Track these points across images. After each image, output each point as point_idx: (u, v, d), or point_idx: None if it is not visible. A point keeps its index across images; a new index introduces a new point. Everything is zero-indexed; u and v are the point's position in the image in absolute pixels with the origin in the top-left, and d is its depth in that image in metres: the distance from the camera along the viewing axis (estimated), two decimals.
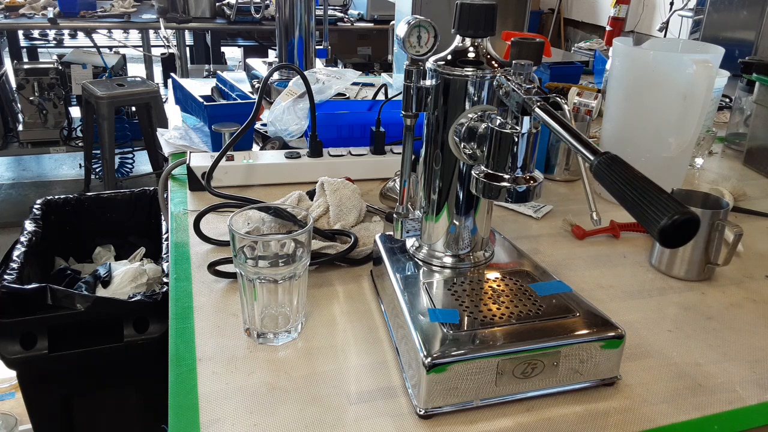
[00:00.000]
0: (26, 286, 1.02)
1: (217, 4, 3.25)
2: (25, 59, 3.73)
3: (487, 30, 0.59)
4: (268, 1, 2.77)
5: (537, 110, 0.48)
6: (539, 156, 1.07)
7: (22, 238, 1.21)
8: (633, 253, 0.84)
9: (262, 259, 0.61)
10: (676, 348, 0.64)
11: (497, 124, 0.53)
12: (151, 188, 1.47)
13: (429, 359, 0.51)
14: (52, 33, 4.03)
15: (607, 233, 0.88)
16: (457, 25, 0.59)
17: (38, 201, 1.35)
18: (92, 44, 3.25)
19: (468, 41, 0.59)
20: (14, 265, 1.10)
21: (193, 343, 0.62)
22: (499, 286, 0.62)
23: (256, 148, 1.15)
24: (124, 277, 1.25)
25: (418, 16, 0.60)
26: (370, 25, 3.42)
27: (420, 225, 0.68)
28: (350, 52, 3.68)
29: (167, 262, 1.16)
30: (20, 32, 3.72)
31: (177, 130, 1.17)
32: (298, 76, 1.05)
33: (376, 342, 0.63)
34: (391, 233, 0.70)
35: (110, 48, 3.77)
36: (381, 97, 1.29)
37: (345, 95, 1.39)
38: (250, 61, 1.66)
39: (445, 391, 0.53)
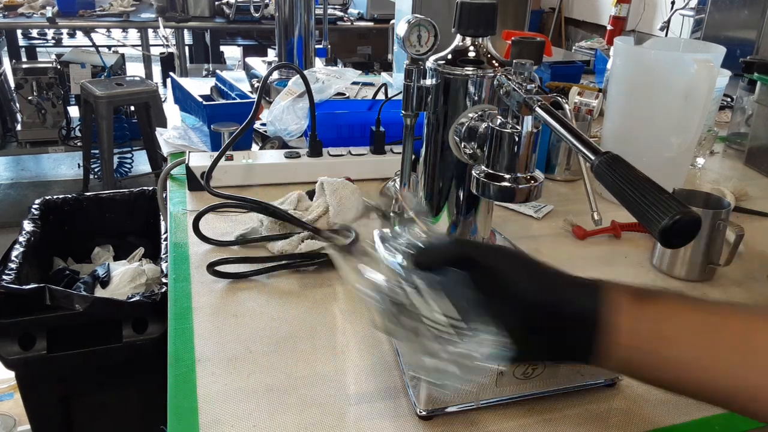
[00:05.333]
0: (25, 287, 1.02)
1: (216, 3, 3.25)
2: (24, 58, 3.73)
3: (488, 29, 0.58)
4: (267, 0, 2.77)
5: (538, 110, 0.48)
6: (540, 156, 1.06)
7: (21, 238, 1.20)
8: (634, 254, 0.83)
9: None
10: None
11: (498, 123, 0.52)
12: (150, 188, 1.46)
13: None
14: (50, 32, 4.02)
15: (608, 233, 0.88)
16: (457, 24, 0.58)
17: (37, 201, 1.35)
18: (91, 43, 3.25)
19: (468, 40, 0.59)
20: (13, 266, 1.10)
21: (192, 343, 0.61)
22: None
23: (255, 147, 1.14)
24: (123, 277, 1.24)
25: (418, 15, 0.59)
26: (370, 24, 3.41)
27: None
28: (350, 52, 3.68)
29: (166, 262, 1.15)
30: (19, 31, 3.72)
31: (176, 129, 1.17)
32: (298, 76, 1.04)
33: (376, 342, 0.63)
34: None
35: (109, 47, 3.77)
36: (381, 96, 1.29)
37: (345, 95, 1.38)
38: (250, 61, 1.65)
39: (445, 391, 0.52)
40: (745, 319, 0.40)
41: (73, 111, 2.99)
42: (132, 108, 2.85)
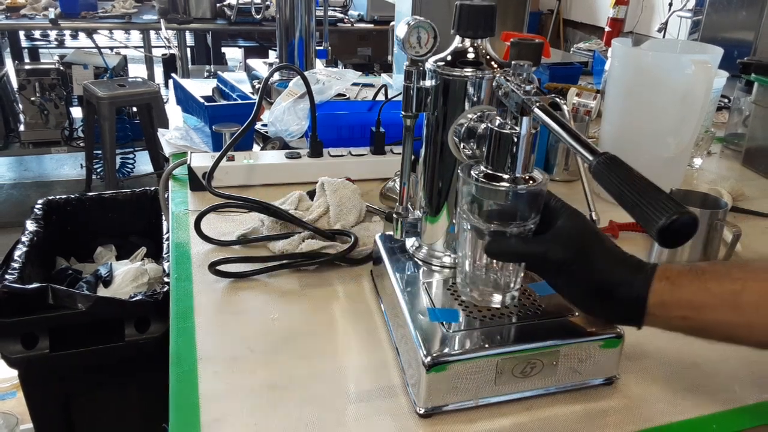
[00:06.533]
0: (27, 286, 1.02)
1: (218, 4, 3.26)
2: (27, 60, 3.73)
3: (487, 31, 0.59)
4: (268, 2, 2.78)
5: (536, 111, 0.48)
6: (538, 156, 1.07)
7: (24, 238, 1.21)
8: (633, 252, 0.84)
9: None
10: (675, 348, 0.64)
11: (496, 124, 0.53)
12: (152, 188, 1.47)
13: (429, 358, 0.52)
14: (53, 33, 4.03)
15: (606, 233, 0.88)
16: (456, 25, 0.59)
17: (39, 201, 1.36)
18: (93, 45, 3.26)
19: (467, 42, 0.59)
20: (16, 265, 1.11)
21: (194, 342, 0.62)
22: None
23: (256, 148, 1.15)
24: (125, 276, 1.25)
25: (417, 17, 0.60)
26: (370, 25, 3.42)
27: (419, 226, 0.68)
28: (350, 53, 3.68)
29: (168, 261, 1.16)
30: (21, 33, 3.72)
31: (178, 130, 1.17)
32: (299, 77, 1.05)
33: (376, 342, 0.63)
34: (391, 233, 0.70)
35: (111, 49, 3.78)
36: (381, 97, 1.30)
37: (345, 96, 1.39)
38: (251, 62, 1.66)
39: (444, 390, 0.53)
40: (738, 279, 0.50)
41: (76, 112, 3.00)
42: (134, 109, 2.86)
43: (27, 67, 2.86)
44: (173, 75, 1.77)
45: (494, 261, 0.54)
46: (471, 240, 0.54)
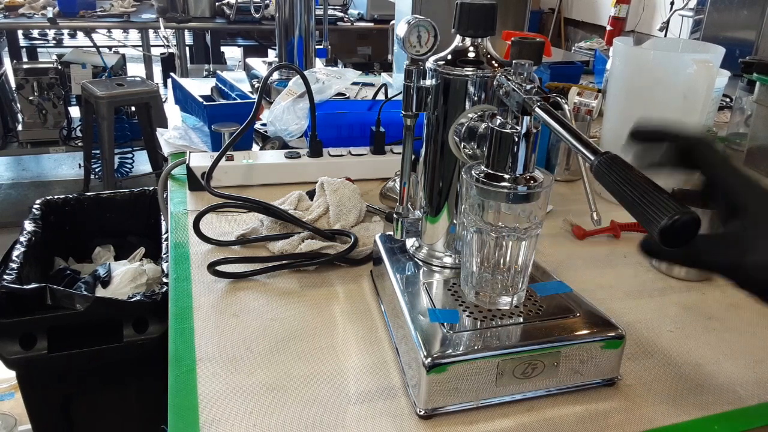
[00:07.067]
0: (25, 286, 1.02)
1: (217, 3, 3.25)
2: (25, 59, 3.73)
3: (488, 30, 0.58)
4: (267, 1, 2.77)
5: (537, 110, 0.48)
6: (539, 156, 1.06)
7: (22, 238, 1.20)
8: (633, 253, 0.84)
9: None
10: (677, 348, 0.64)
11: (497, 124, 0.52)
12: (151, 188, 1.46)
13: (429, 359, 0.51)
14: (51, 33, 4.03)
15: (608, 233, 0.88)
16: (457, 24, 0.58)
17: (38, 201, 1.35)
18: (92, 44, 3.25)
19: (468, 41, 0.59)
20: (13, 265, 1.10)
21: (193, 343, 0.62)
22: None
23: (255, 148, 1.15)
24: (124, 277, 1.25)
25: (418, 16, 0.59)
26: (370, 24, 3.42)
27: (419, 225, 0.68)
28: (350, 52, 3.67)
29: (167, 262, 1.16)
30: (20, 32, 3.72)
31: (176, 129, 1.17)
32: (298, 76, 1.04)
33: (376, 342, 0.63)
34: (391, 233, 0.70)
35: (110, 48, 3.77)
36: (381, 96, 1.29)
37: (345, 95, 1.38)
38: (250, 61, 1.65)
39: (445, 391, 0.53)
40: None
41: (74, 111, 2.99)
42: (133, 108, 2.86)
43: (25, 66, 2.86)
44: (172, 74, 1.77)
45: (502, 263, 0.53)
46: (477, 242, 0.54)
